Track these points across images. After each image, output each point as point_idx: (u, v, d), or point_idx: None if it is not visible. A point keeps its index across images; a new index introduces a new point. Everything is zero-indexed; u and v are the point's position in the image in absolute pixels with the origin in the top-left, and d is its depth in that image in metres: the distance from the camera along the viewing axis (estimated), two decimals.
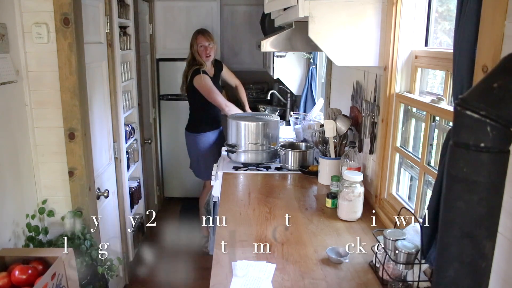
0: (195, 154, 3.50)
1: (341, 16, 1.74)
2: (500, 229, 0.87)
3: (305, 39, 1.89)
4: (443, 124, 1.51)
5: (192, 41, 3.34)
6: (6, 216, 1.86)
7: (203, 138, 3.42)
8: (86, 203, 2.16)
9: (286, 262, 1.47)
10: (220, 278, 1.38)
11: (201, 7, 4.21)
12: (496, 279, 1.02)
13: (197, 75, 3.25)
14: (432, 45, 1.70)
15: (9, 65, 1.89)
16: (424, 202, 1.63)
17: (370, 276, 1.40)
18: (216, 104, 3.28)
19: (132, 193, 3.29)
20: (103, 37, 2.60)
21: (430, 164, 1.57)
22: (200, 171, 3.53)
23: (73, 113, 2.05)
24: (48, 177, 2.13)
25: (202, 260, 3.32)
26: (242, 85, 3.75)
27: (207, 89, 3.26)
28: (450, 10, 1.64)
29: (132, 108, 3.33)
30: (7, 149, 1.88)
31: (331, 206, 1.93)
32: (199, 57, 3.31)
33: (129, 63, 3.24)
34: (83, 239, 2.02)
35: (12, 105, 1.93)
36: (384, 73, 1.81)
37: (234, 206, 1.98)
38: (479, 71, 1.04)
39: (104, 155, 2.64)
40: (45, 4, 1.96)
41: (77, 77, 2.02)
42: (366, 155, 2.11)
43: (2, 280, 1.60)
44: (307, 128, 2.92)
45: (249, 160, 2.63)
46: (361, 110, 2.13)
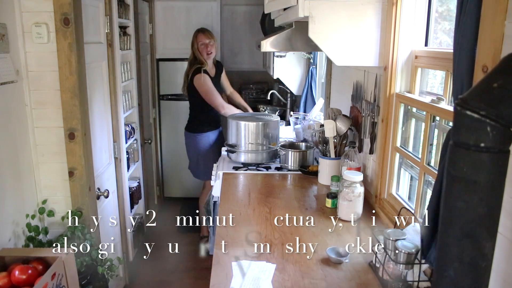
0: (195, 154, 3.50)
1: (341, 16, 1.74)
2: (500, 229, 0.87)
3: (305, 39, 1.88)
4: (443, 124, 1.51)
5: (193, 40, 3.34)
6: (6, 216, 1.86)
7: (203, 138, 3.41)
8: (86, 203, 2.16)
9: (286, 262, 1.47)
10: (220, 278, 1.38)
11: (201, 7, 4.21)
12: (496, 279, 1.02)
13: (197, 74, 3.24)
14: (432, 45, 1.70)
15: (9, 65, 1.89)
16: (424, 202, 1.63)
17: (370, 276, 1.40)
18: (214, 105, 3.26)
19: (132, 193, 3.29)
20: (103, 37, 2.60)
21: (430, 164, 1.57)
22: (199, 172, 3.53)
23: (73, 113, 2.05)
24: (48, 177, 2.13)
25: (202, 260, 3.32)
26: (236, 92, 3.73)
27: (205, 89, 3.25)
28: (450, 10, 1.64)
29: (132, 108, 3.33)
30: (7, 149, 1.88)
31: (331, 206, 1.93)
32: (200, 55, 3.30)
33: (129, 63, 3.24)
34: (83, 239, 2.02)
35: (12, 105, 1.93)
36: (384, 73, 1.81)
37: (234, 206, 1.98)
38: (479, 71, 1.04)
39: (104, 155, 2.64)
40: (45, 4, 1.96)
41: (77, 77, 2.02)
42: (366, 155, 2.11)
43: (2, 280, 1.60)
44: (307, 128, 2.92)
45: (249, 160, 2.63)
46: (361, 110, 2.13)
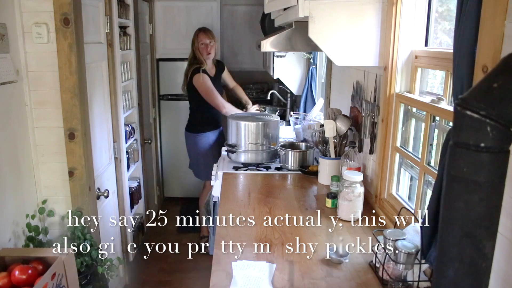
0: (195, 154, 3.49)
1: (341, 16, 1.74)
2: (500, 229, 0.87)
3: (305, 39, 1.88)
4: (443, 124, 1.51)
5: (194, 38, 3.34)
6: (6, 216, 1.86)
7: (203, 138, 3.41)
8: (86, 203, 2.16)
9: (286, 262, 1.47)
10: (220, 278, 1.38)
11: (201, 7, 4.21)
12: (496, 279, 1.02)
13: (196, 74, 3.24)
14: (432, 45, 1.70)
15: (9, 65, 1.89)
16: (424, 202, 1.63)
17: (370, 276, 1.40)
18: (214, 104, 3.27)
19: (132, 193, 3.29)
20: (103, 37, 2.60)
21: (430, 164, 1.57)
22: (200, 171, 3.53)
23: (73, 113, 2.05)
24: (48, 177, 2.13)
25: (202, 260, 3.32)
26: (239, 86, 3.75)
27: (205, 89, 3.25)
28: (450, 10, 1.64)
29: (132, 108, 3.33)
30: (7, 149, 1.88)
31: (331, 206, 1.93)
32: (199, 55, 3.30)
33: (129, 63, 3.24)
34: (83, 239, 2.02)
35: (12, 105, 1.93)
36: (384, 73, 1.81)
37: (234, 206, 1.98)
38: (479, 71, 1.04)
39: (104, 155, 2.64)
40: (45, 4, 1.96)
41: (77, 77, 2.02)
42: (366, 155, 2.11)
43: (2, 280, 1.60)
44: (307, 128, 2.91)
45: (249, 160, 2.63)
46: (361, 110, 2.13)
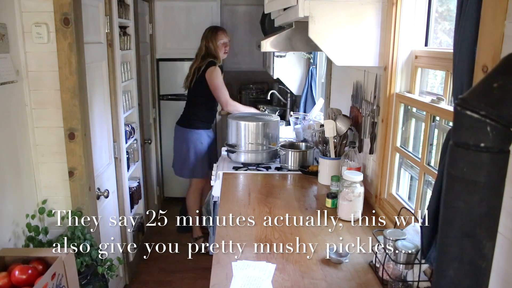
0: (183, 150, 3.43)
1: (341, 16, 1.74)
2: (500, 229, 0.87)
3: (305, 39, 1.89)
4: (443, 124, 1.51)
5: (211, 36, 3.33)
6: (6, 216, 1.86)
7: (194, 134, 3.39)
8: (86, 203, 2.16)
9: (286, 262, 1.47)
10: (220, 278, 1.38)
11: (201, 7, 4.21)
12: (496, 279, 1.02)
13: (212, 67, 3.25)
14: (432, 45, 1.70)
15: (9, 65, 1.89)
16: (424, 202, 1.63)
17: (370, 276, 1.40)
18: (220, 100, 3.30)
19: (132, 193, 3.29)
20: (103, 37, 2.60)
21: (430, 164, 1.57)
22: (184, 169, 3.48)
23: (73, 113, 2.05)
24: (48, 177, 2.13)
25: (202, 260, 3.32)
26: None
27: (216, 83, 3.26)
28: (450, 10, 1.64)
29: (132, 108, 3.33)
30: (7, 149, 1.88)
31: (331, 206, 1.93)
32: (218, 52, 3.32)
33: (129, 63, 3.24)
34: (83, 239, 2.02)
35: (12, 105, 1.93)
36: (384, 73, 1.81)
37: (234, 206, 1.98)
38: (479, 71, 1.04)
39: (104, 155, 2.64)
40: (45, 4, 1.95)
41: (77, 77, 2.02)
42: (366, 155, 2.11)
43: (2, 280, 1.60)
44: (307, 128, 2.92)
45: (249, 160, 2.63)
46: (361, 110, 2.13)
